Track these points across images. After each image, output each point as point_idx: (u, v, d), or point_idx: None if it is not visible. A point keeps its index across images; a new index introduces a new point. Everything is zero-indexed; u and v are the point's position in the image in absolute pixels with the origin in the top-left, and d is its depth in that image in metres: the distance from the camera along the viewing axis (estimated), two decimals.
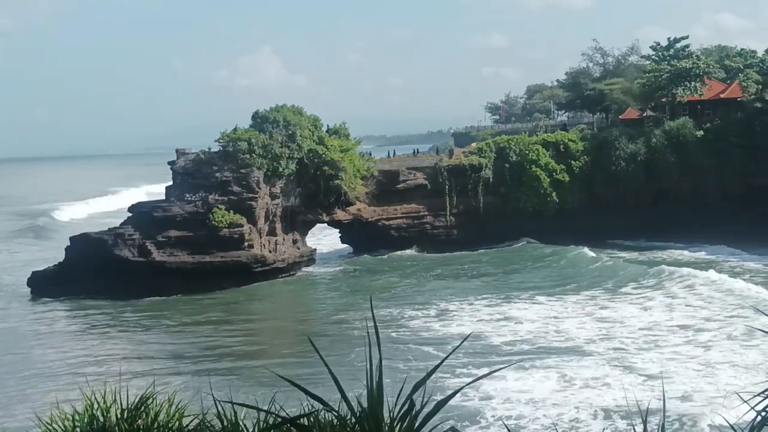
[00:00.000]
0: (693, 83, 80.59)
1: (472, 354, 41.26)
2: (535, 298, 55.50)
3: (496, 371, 6.21)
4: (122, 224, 67.24)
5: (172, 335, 50.71)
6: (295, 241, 72.10)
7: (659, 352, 41.04)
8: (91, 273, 62.12)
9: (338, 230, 79.91)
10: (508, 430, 31.87)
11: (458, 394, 3.75)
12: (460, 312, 52.58)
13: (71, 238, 66.27)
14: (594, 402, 33.60)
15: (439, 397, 3.75)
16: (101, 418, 4.85)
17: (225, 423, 4.31)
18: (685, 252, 71.45)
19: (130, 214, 67.92)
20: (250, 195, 67.16)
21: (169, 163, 70.51)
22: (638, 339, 43.78)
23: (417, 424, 3.55)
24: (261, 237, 67.71)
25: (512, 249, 75.86)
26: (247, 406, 4.02)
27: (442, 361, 3.90)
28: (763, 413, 3.56)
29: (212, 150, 70.72)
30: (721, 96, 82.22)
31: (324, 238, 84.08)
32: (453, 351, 4.50)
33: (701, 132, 78.49)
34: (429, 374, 3.60)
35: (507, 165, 78.65)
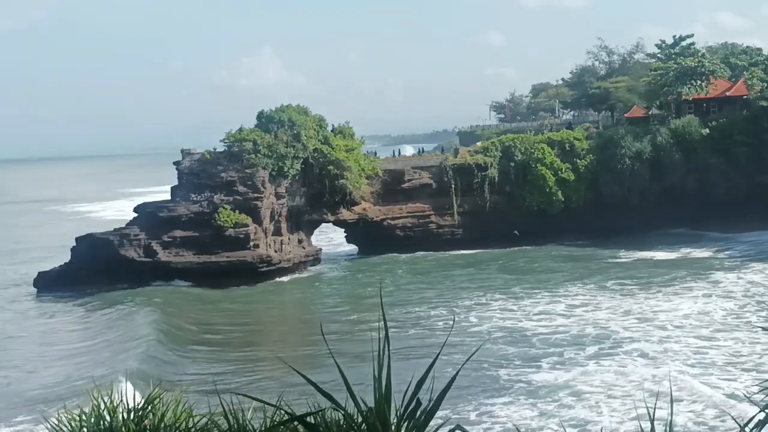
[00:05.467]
0: (699, 81, 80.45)
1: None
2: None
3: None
4: (128, 224, 67.37)
5: (179, 335, 50.74)
6: (300, 241, 72.14)
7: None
8: (97, 273, 62.28)
9: (344, 230, 79.93)
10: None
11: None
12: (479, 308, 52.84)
13: (77, 239, 66.44)
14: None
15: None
16: (108, 419, 4.85)
17: (232, 423, 4.31)
18: (699, 249, 71.27)
19: (135, 215, 68.05)
20: (256, 195, 67.22)
21: (174, 163, 70.61)
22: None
23: (422, 421, 3.54)
24: (266, 237, 67.75)
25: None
26: (256, 399, 4.01)
27: (436, 358, 3.88)
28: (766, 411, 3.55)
29: (217, 150, 70.82)
30: (727, 94, 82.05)
31: (330, 238, 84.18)
32: (442, 347, 4.48)
33: (707, 130, 78.34)
34: (427, 371, 3.59)
35: (512, 164, 78.51)
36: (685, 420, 30.74)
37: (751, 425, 3.53)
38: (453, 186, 77.57)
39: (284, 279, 66.83)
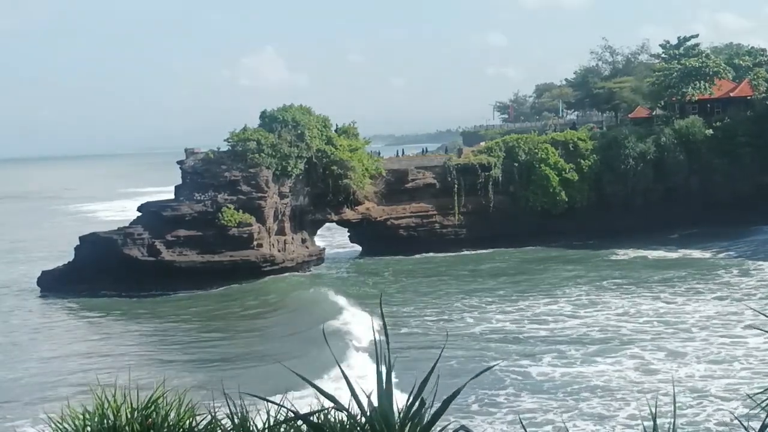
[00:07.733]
0: (702, 82, 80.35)
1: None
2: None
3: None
4: (131, 224, 67.40)
5: (182, 333, 50.77)
6: (303, 241, 72.15)
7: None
8: (101, 272, 62.32)
9: (347, 230, 79.92)
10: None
11: None
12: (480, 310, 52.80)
13: (81, 238, 66.48)
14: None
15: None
16: (112, 418, 4.85)
17: (235, 422, 4.32)
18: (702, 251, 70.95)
19: (139, 214, 68.09)
20: (259, 194, 67.25)
21: (178, 162, 70.65)
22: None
23: (426, 423, 3.54)
24: (270, 236, 67.78)
25: None
26: (260, 397, 4.02)
27: (437, 360, 3.89)
28: None
29: (221, 149, 70.88)
30: (731, 94, 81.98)
31: (333, 238, 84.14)
32: (443, 349, 4.50)
33: (711, 131, 78.26)
34: (430, 372, 3.60)
35: (516, 164, 78.44)
36: (711, 422, 30.86)
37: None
38: (456, 186, 77.52)
39: (286, 277, 66.67)
